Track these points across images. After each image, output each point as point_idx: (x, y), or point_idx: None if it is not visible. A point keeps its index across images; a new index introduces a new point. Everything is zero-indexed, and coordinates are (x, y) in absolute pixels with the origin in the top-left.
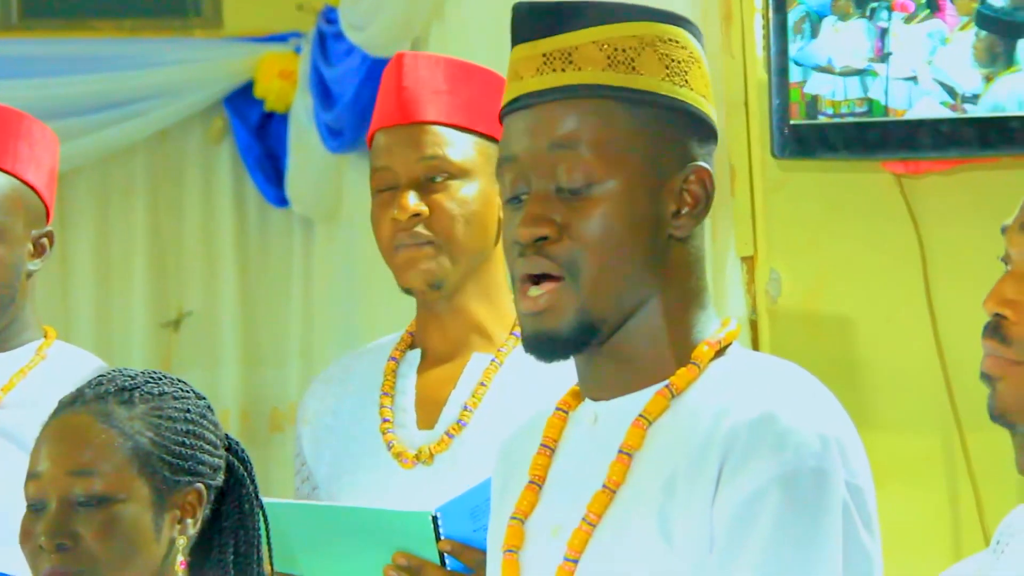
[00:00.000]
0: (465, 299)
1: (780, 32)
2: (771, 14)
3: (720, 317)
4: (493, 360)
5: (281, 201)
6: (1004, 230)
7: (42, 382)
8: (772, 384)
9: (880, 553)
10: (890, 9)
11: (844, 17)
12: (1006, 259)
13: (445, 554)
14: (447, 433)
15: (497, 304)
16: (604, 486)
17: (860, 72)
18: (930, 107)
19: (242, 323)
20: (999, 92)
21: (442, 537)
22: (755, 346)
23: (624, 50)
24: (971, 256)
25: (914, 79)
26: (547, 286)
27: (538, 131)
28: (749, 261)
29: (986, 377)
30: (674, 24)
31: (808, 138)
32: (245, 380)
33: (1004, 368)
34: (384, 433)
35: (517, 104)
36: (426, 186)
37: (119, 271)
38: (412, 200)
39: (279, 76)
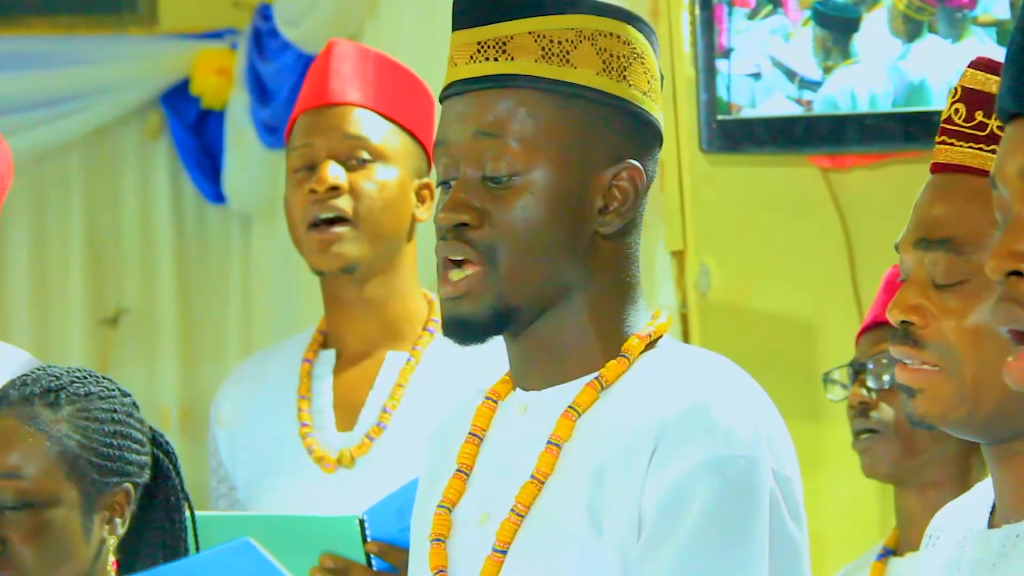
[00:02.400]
0: (376, 292)
1: (707, 27)
2: (697, 9)
3: (653, 311)
4: (408, 359)
5: (218, 197)
6: (896, 247)
7: None
8: (702, 376)
9: (807, 543)
10: (732, 5)
11: None
12: (905, 276)
13: (372, 555)
14: (367, 436)
15: (409, 300)
16: (533, 476)
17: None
18: (775, 102)
19: (180, 319)
20: (835, 84)
21: (369, 539)
22: (685, 339)
23: (560, 42)
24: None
25: (756, 75)
26: (468, 269)
27: (467, 118)
28: (679, 255)
29: (905, 388)
30: (618, 19)
31: (736, 133)
32: (184, 377)
33: (924, 379)
34: (304, 437)
35: (451, 90)
36: (347, 164)
37: (56, 268)
38: (332, 171)
39: (215, 73)
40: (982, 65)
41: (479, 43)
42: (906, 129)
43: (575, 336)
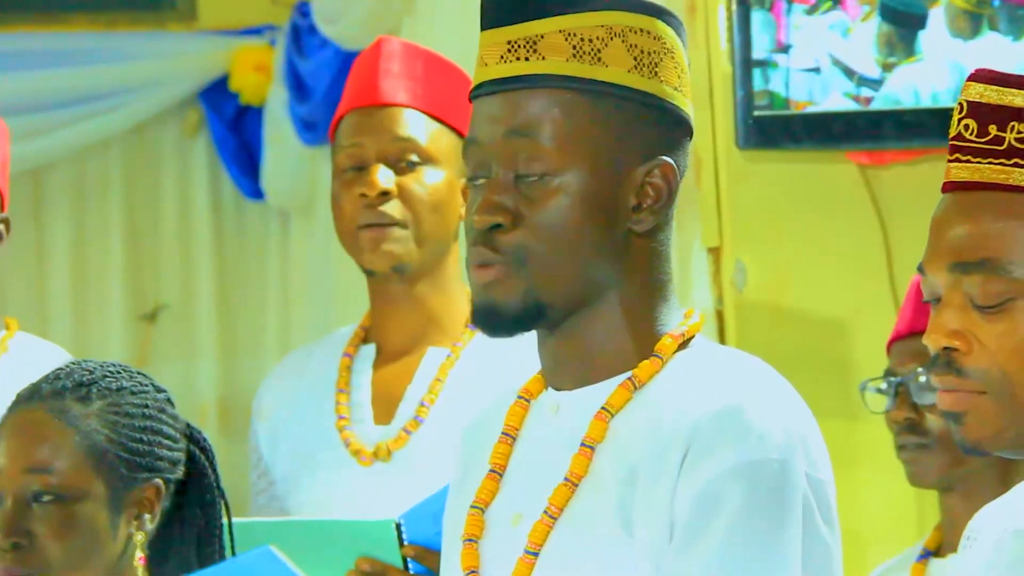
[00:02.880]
0: (422, 290)
1: (743, 24)
2: (734, 6)
3: (684, 308)
4: (449, 354)
5: (257, 194)
6: (921, 269)
7: (4, 374)
8: (735, 377)
9: (839, 545)
10: (791, 2)
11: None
12: (933, 297)
13: (408, 559)
14: (404, 429)
15: (452, 297)
16: (566, 478)
17: (761, 64)
18: (834, 99)
19: (219, 315)
20: (898, 81)
21: (405, 543)
22: (721, 337)
23: (591, 40)
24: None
25: (816, 69)
26: (496, 268)
27: (499, 118)
28: (715, 252)
29: (950, 415)
30: (647, 14)
31: (772, 129)
32: (222, 373)
33: (967, 402)
34: (341, 430)
35: (481, 90)
36: (396, 167)
37: (95, 264)
38: (383, 176)
39: (254, 69)
40: (985, 77)
41: (509, 42)
42: (945, 125)
43: (608, 335)
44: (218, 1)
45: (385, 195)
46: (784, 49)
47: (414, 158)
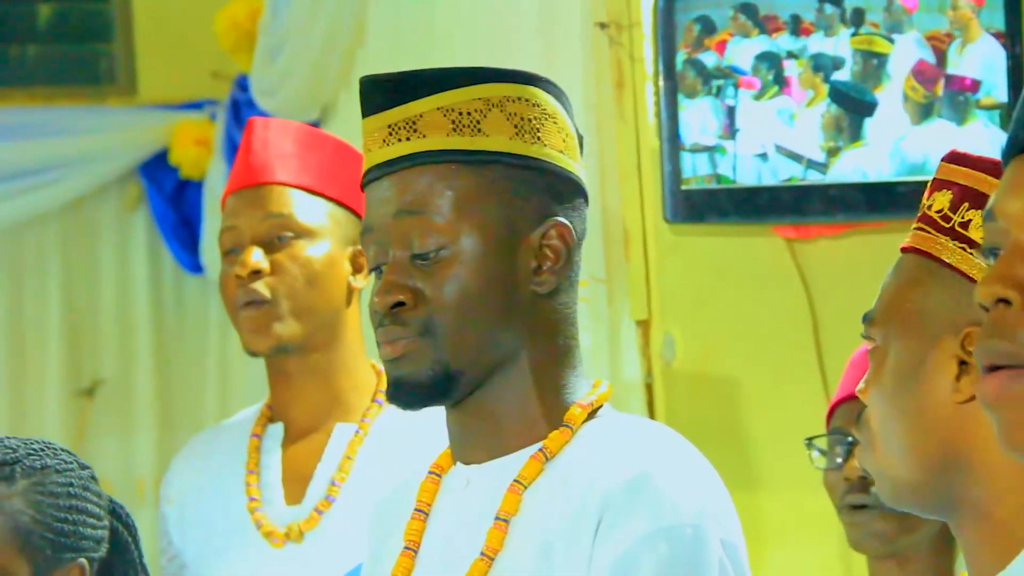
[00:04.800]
0: (319, 366)
1: (671, 98)
2: (662, 81)
3: (592, 379)
4: (357, 431)
5: (197, 268)
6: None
7: None
8: (644, 446)
9: None
10: (736, 87)
11: (692, 95)
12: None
13: None
14: (316, 509)
15: (355, 371)
16: (482, 553)
17: (709, 149)
18: (780, 182)
19: (158, 390)
20: (844, 165)
21: None
22: (650, 409)
23: (469, 113)
24: (861, 318)
25: (763, 155)
26: (400, 343)
27: (388, 200)
28: (644, 325)
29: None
30: (522, 83)
31: (700, 202)
32: (161, 447)
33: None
34: (252, 512)
35: (369, 176)
36: (270, 245)
37: (32, 339)
38: (255, 256)
39: (194, 143)
40: (951, 158)
41: (390, 126)
42: (870, 200)
43: (516, 405)
44: (158, 76)
45: (257, 273)
46: (731, 134)
47: (287, 234)
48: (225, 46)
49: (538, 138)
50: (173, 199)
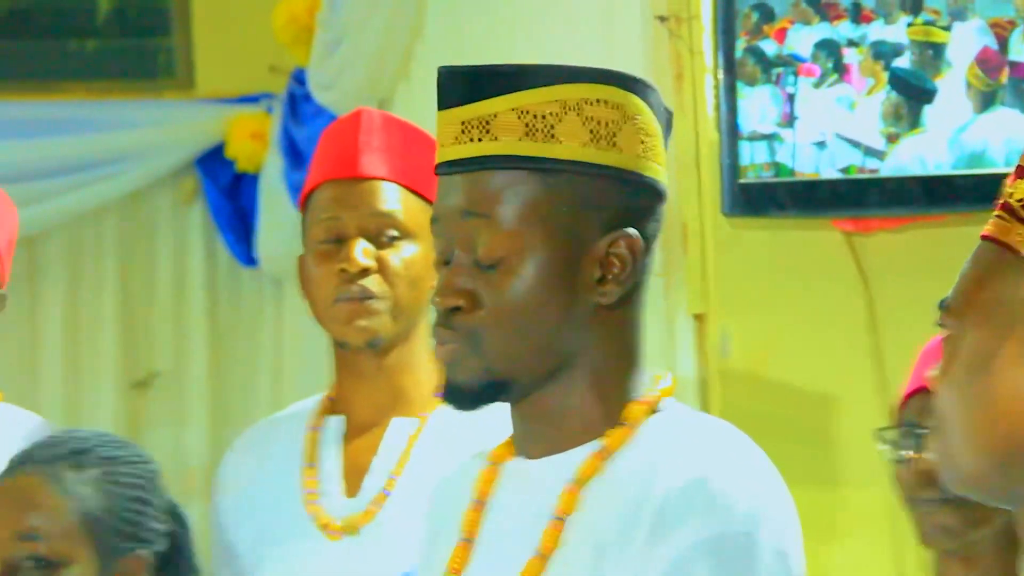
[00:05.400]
0: (391, 363)
1: (730, 91)
2: (721, 74)
3: (656, 374)
4: (416, 425)
5: (252, 261)
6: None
7: None
8: (704, 445)
9: None
10: (796, 75)
11: (751, 83)
12: None
13: None
14: (372, 502)
15: (419, 368)
16: (537, 552)
17: (767, 137)
18: (839, 171)
19: (211, 383)
20: (903, 154)
21: None
22: (705, 405)
23: (544, 116)
24: (920, 314)
25: (822, 143)
26: (451, 346)
27: (455, 198)
28: (700, 319)
29: None
30: (605, 83)
31: (758, 196)
32: (214, 440)
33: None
34: (308, 504)
35: (440, 171)
36: (375, 241)
37: (88, 332)
38: (363, 252)
39: (250, 137)
40: None
41: (463, 123)
42: (930, 193)
43: (577, 405)
44: (215, 69)
45: (365, 271)
46: (790, 122)
47: (393, 232)
48: (282, 40)
49: (614, 144)
50: (229, 192)
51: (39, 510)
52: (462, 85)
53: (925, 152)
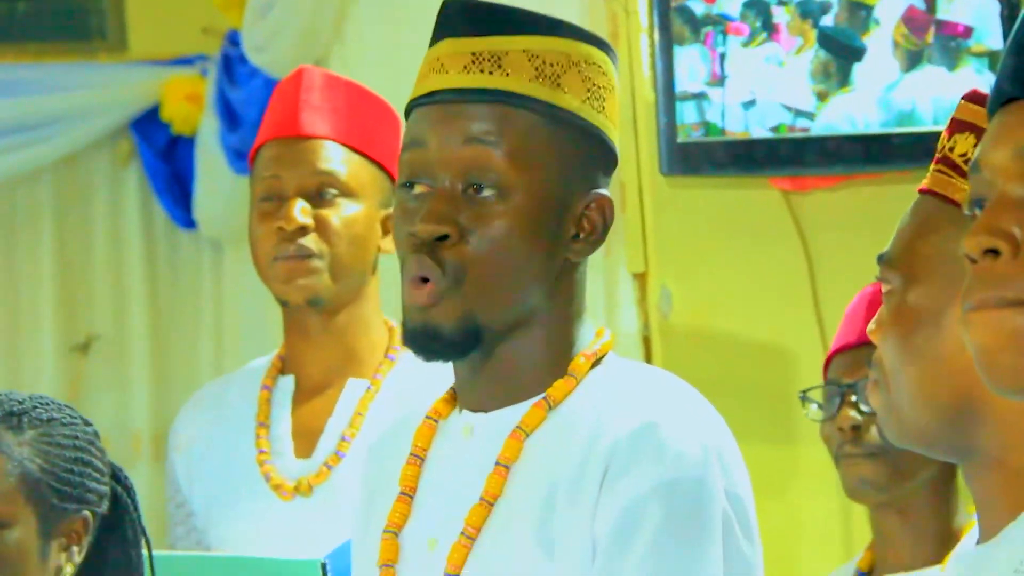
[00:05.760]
0: (340, 323)
1: (666, 51)
2: (656, 33)
3: (597, 329)
4: (368, 387)
5: (189, 223)
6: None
7: None
8: (650, 394)
9: (760, 561)
10: (725, 34)
11: (681, 42)
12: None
13: None
14: (325, 464)
15: (371, 329)
16: (482, 499)
17: (697, 96)
18: (768, 131)
19: (152, 345)
20: (832, 112)
21: None
22: (648, 361)
23: (552, 64)
24: (858, 269)
25: (751, 102)
26: (431, 286)
27: (455, 125)
28: (641, 278)
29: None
30: (601, 49)
31: (695, 155)
32: (156, 402)
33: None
34: (261, 464)
35: (436, 97)
36: (314, 200)
37: (26, 295)
38: (300, 211)
39: (185, 99)
40: (973, 98)
41: (473, 54)
42: (866, 151)
43: (529, 360)
44: (149, 31)
45: (303, 229)
46: (720, 82)
47: (333, 191)
48: (216, 2)
49: (603, 108)
50: (165, 155)
51: None
52: (474, 17)
53: (855, 111)
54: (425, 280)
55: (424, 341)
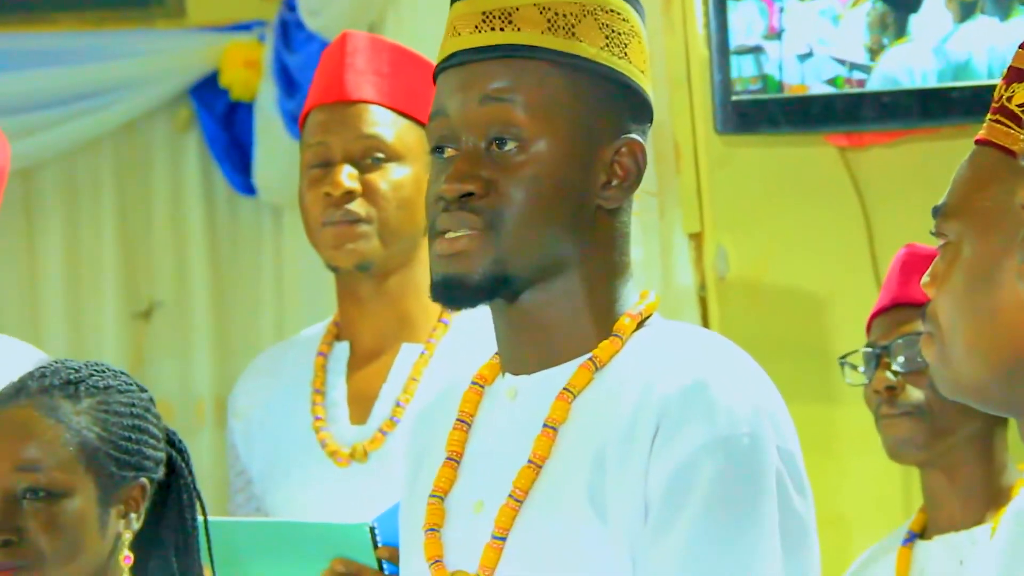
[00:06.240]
0: (392, 288)
1: (720, 8)
2: None
3: (641, 291)
4: (422, 352)
5: (249, 189)
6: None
7: None
8: (698, 354)
9: (813, 516)
10: None
11: None
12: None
13: (383, 560)
14: (380, 430)
15: (424, 294)
16: (530, 461)
17: (754, 50)
18: (825, 83)
19: (213, 312)
20: (890, 63)
21: (379, 545)
22: (704, 321)
23: (564, 15)
24: (916, 226)
25: (808, 54)
26: (467, 233)
27: (472, 86)
28: (696, 237)
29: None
30: None
31: (750, 113)
32: (218, 369)
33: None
34: (317, 431)
35: (452, 61)
36: (361, 165)
37: (88, 263)
38: (348, 175)
39: (243, 65)
40: None
41: (484, 13)
42: (924, 106)
43: (567, 315)
44: None
45: (350, 194)
46: (777, 35)
47: (379, 155)
48: None
49: (625, 54)
50: (224, 121)
51: (36, 441)
52: None
53: (912, 63)
54: (450, 233)
55: (448, 289)
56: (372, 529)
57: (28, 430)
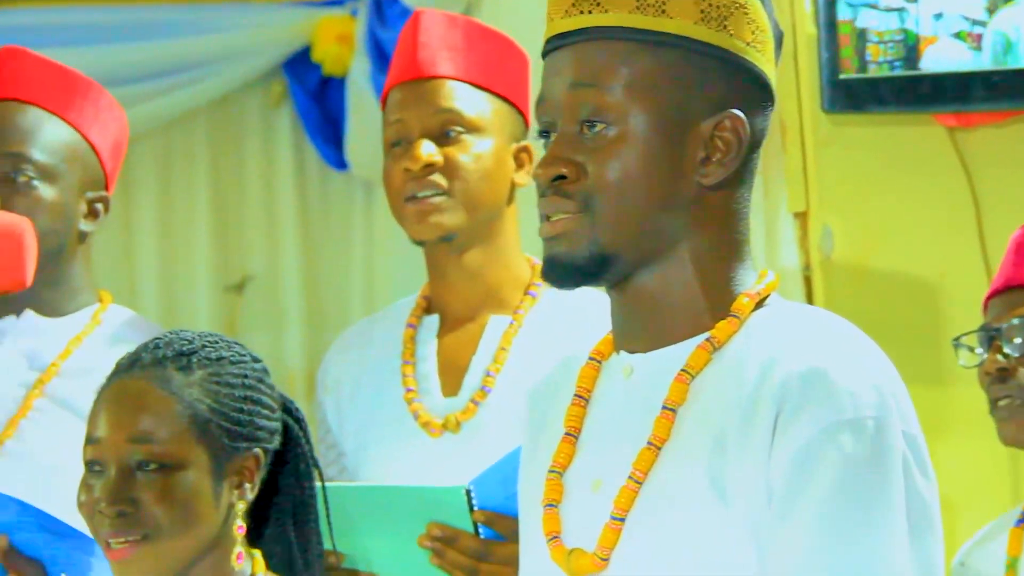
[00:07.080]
0: (478, 259)
1: None
2: None
3: (760, 271)
4: (511, 322)
5: (341, 164)
6: None
7: (99, 349)
8: (819, 335)
9: (937, 498)
10: None
11: None
12: None
13: (479, 524)
14: (472, 400)
15: (511, 265)
16: (649, 443)
17: (898, 9)
18: (950, 42)
19: (305, 286)
20: (1002, 22)
21: (476, 508)
22: (809, 301)
23: None
24: None
25: (940, 14)
26: (565, 216)
27: (562, 71)
28: (802, 216)
29: None
30: None
31: (858, 91)
32: (309, 343)
33: None
34: (409, 403)
35: (548, 46)
36: (440, 139)
37: (182, 236)
38: (426, 149)
39: (336, 40)
40: None
41: None
42: None
43: (681, 293)
44: None
45: (429, 167)
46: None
47: (457, 128)
48: None
49: (724, 27)
50: (316, 96)
51: (150, 413)
52: None
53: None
54: (550, 218)
55: (553, 270)
56: (468, 492)
57: (141, 402)
